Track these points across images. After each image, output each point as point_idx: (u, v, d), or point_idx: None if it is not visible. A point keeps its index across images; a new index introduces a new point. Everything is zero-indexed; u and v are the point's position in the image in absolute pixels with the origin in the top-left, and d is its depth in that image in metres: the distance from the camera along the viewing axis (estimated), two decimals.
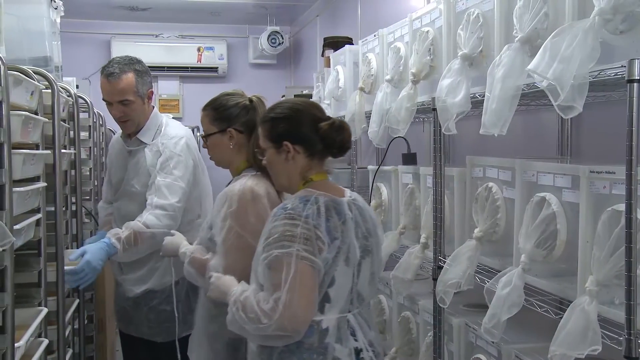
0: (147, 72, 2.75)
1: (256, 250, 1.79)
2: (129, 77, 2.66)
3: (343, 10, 5.24)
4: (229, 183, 2.25)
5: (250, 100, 2.24)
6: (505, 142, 2.45)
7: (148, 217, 2.57)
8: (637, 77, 1.30)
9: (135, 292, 2.77)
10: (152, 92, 2.78)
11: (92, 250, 2.48)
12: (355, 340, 1.78)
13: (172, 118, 3.04)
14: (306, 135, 1.84)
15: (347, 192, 1.89)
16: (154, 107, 2.84)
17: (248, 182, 2.10)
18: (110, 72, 2.65)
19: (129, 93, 2.66)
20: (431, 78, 2.25)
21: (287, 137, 1.84)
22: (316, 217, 1.71)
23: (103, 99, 2.72)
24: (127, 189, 2.77)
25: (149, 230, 2.54)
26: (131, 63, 2.69)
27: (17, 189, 1.79)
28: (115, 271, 2.84)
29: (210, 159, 2.32)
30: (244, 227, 2.02)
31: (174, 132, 2.77)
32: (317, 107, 1.94)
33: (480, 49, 1.90)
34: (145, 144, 2.75)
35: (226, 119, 2.21)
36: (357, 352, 1.78)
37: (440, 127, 2.04)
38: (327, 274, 1.71)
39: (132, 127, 2.75)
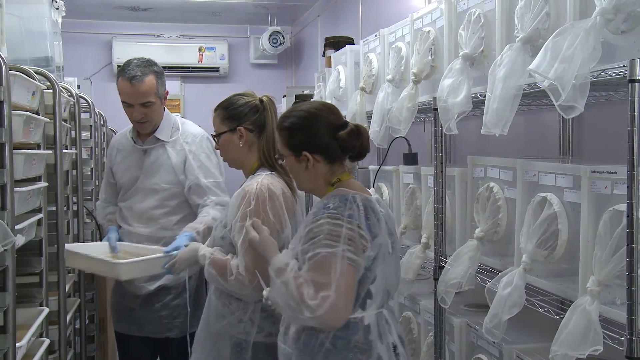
0: (163, 73, 2.81)
1: (292, 240, 1.86)
2: (150, 79, 2.70)
3: (344, 10, 5.24)
4: (243, 183, 2.24)
5: (261, 100, 2.24)
6: (507, 142, 2.46)
7: (215, 213, 2.64)
8: (638, 77, 1.30)
9: (149, 289, 2.78)
10: (167, 92, 2.84)
11: (185, 241, 2.50)
12: (390, 334, 1.83)
13: None
14: (324, 144, 1.84)
15: (372, 191, 1.92)
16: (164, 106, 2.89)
17: (264, 180, 2.10)
18: (132, 75, 2.67)
19: (150, 95, 2.71)
20: (432, 78, 2.25)
21: (305, 148, 1.84)
22: (358, 215, 1.74)
23: (123, 101, 2.73)
24: (144, 186, 2.80)
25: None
26: (149, 65, 2.73)
27: (19, 188, 1.79)
28: None
29: (224, 160, 2.31)
30: (264, 225, 2.01)
31: (195, 130, 2.88)
32: (332, 111, 1.91)
33: (481, 48, 1.90)
34: (163, 141, 2.80)
35: (236, 118, 2.21)
36: (394, 347, 1.83)
37: (441, 127, 2.04)
38: (370, 271, 1.76)
39: (150, 128, 2.80)
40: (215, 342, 2.17)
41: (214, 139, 2.28)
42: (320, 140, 1.84)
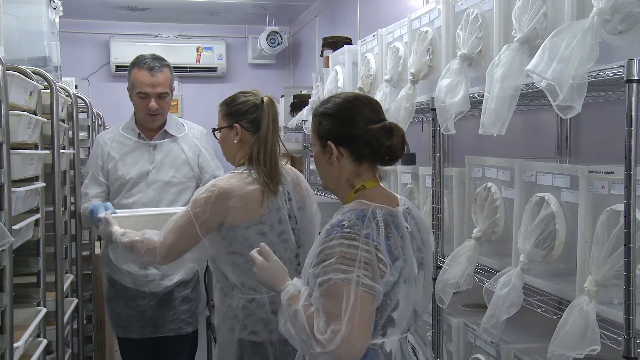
0: (172, 69, 2.89)
1: (306, 261, 1.67)
2: (167, 71, 2.81)
3: (342, 11, 5.24)
4: None
5: (262, 100, 2.24)
6: (504, 142, 2.46)
7: None
8: (635, 77, 1.30)
9: (167, 285, 2.79)
10: (174, 88, 2.90)
11: None
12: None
13: None
14: (352, 137, 1.65)
15: (400, 199, 1.72)
16: None
17: (224, 179, 2.15)
18: (152, 65, 2.75)
19: (167, 86, 2.81)
20: (430, 78, 2.26)
21: (331, 137, 1.67)
22: (376, 235, 1.55)
23: (139, 92, 2.76)
24: (157, 180, 2.80)
25: None
26: (163, 59, 2.83)
27: (16, 189, 1.78)
28: (133, 270, 2.77)
29: (223, 154, 2.34)
30: (197, 217, 2.09)
31: (199, 127, 3.00)
32: (372, 106, 1.71)
33: (479, 49, 1.90)
34: (174, 136, 2.87)
35: (234, 115, 2.23)
36: None
37: (439, 127, 2.04)
38: (391, 298, 1.58)
39: (161, 121, 2.86)
40: (218, 335, 2.25)
41: (214, 134, 2.31)
42: (348, 132, 1.66)
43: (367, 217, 1.57)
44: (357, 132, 1.65)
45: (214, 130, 2.31)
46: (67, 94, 2.71)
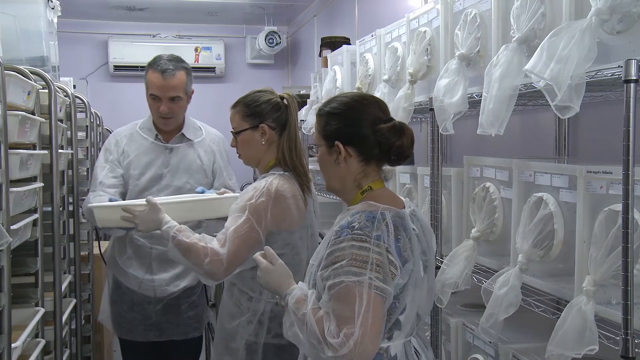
0: (191, 71, 2.82)
1: (311, 263, 1.66)
2: (181, 74, 2.71)
3: (340, 10, 5.24)
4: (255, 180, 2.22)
5: (282, 98, 2.20)
6: (503, 142, 2.47)
7: None
8: (633, 77, 1.30)
9: (172, 291, 2.74)
10: (192, 92, 2.82)
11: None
12: None
13: None
14: (361, 137, 1.63)
15: (406, 202, 1.71)
16: None
17: (275, 180, 2.08)
18: (165, 68, 2.67)
19: (180, 90, 2.71)
20: (428, 78, 2.26)
21: (339, 137, 1.64)
22: (387, 237, 1.53)
23: (151, 94, 2.69)
24: (171, 185, 2.72)
25: None
26: (180, 61, 2.74)
27: (14, 189, 1.78)
28: (139, 274, 2.73)
29: (239, 157, 2.27)
30: (259, 223, 2.02)
31: (216, 131, 2.93)
32: (379, 105, 1.70)
33: (477, 49, 1.90)
34: (191, 140, 2.80)
35: (258, 115, 2.16)
36: None
37: (437, 127, 2.04)
38: (400, 301, 1.57)
39: (174, 125, 2.78)
40: (229, 342, 2.16)
41: (234, 136, 2.23)
42: (356, 132, 1.63)
43: (377, 218, 1.55)
44: (366, 132, 1.63)
45: (233, 132, 2.22)
46: (65, 94, 2.71)
